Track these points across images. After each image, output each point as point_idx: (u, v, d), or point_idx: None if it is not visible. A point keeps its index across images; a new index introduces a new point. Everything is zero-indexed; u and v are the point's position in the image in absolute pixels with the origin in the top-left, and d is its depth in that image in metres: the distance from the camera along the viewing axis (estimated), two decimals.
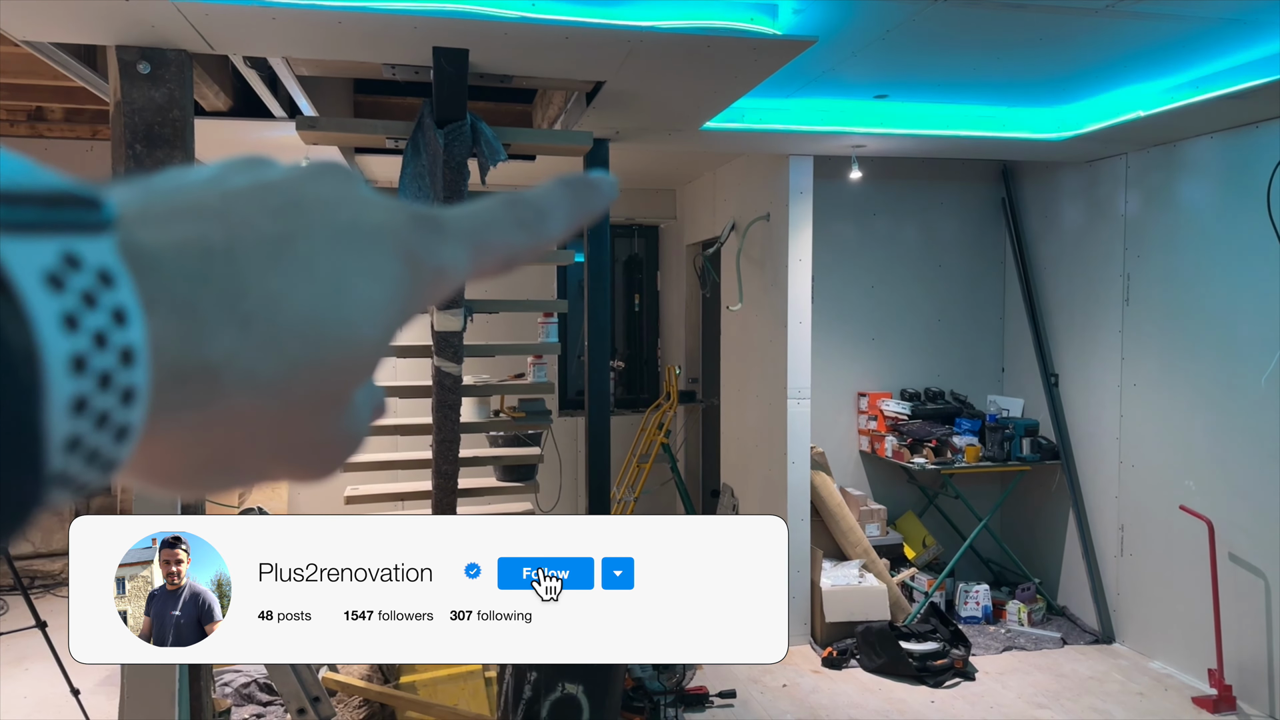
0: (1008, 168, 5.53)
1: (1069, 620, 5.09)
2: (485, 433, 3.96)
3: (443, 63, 2.78)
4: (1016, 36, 3.10)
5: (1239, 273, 4.06)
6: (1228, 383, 4.12)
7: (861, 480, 5.53)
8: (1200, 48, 3.29)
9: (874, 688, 4.27)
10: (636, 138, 4.15)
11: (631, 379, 7.02)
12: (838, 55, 3.21)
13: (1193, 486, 4.30)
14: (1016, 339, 5.52)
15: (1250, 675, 4.01)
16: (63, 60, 2.92)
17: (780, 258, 4.82)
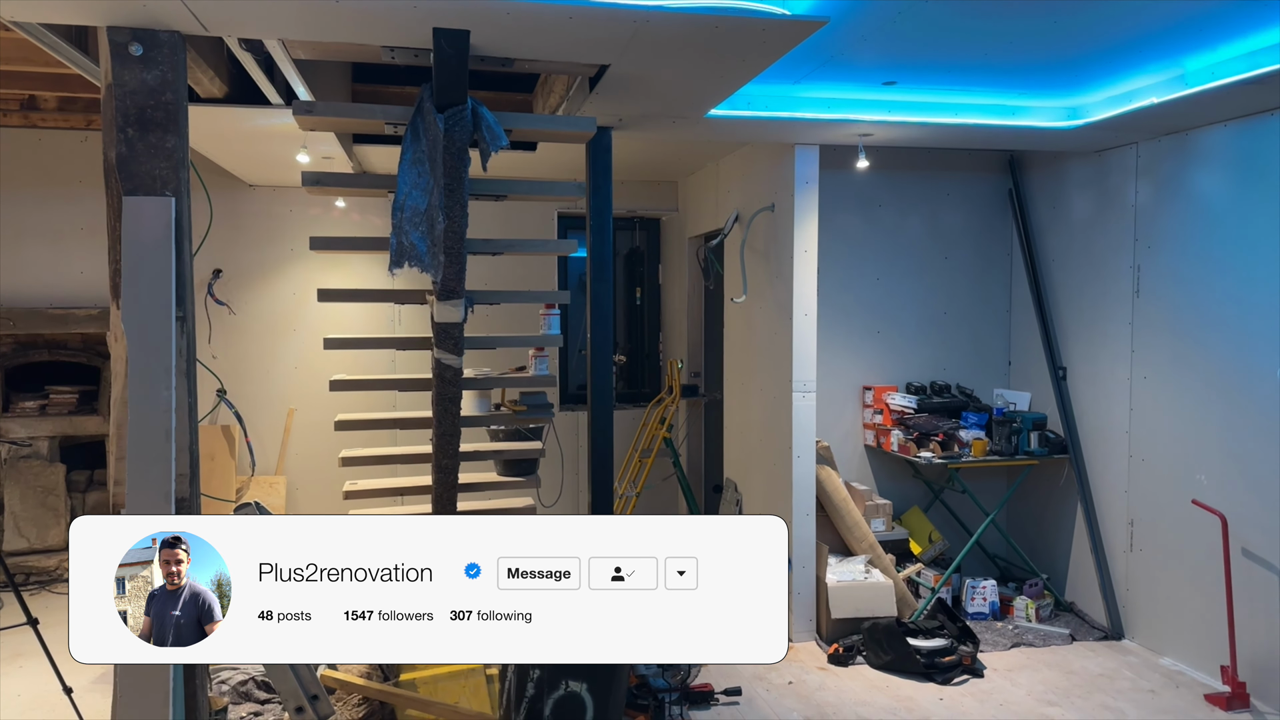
0: (1015, 158, 5.46)
1: (1077, 616, 5.03)
2: (486, 427, 3.89)
3: (443, 44, 2.70)
4: (1027, 20, 3.03)
5: (1252, 264, 3.99)
6: (1241, 375, 4.05)
7: (867, 475, 5.47)
8: (1214, 32, 3.22)
9: (881, 685, 4.21)
10: (640, 126, 4.08)
11: (634, 373, 6.96)
12: (847, 39, 3.14)
13: (1205, 481, 4.23)
14: (1024, 332, 5.46)
15: (1264, 672, 3.95)
16: (52, 42, 2.85)
17: (785, 249, 4.75)
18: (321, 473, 5.97)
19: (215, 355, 5.89)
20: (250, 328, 6.00)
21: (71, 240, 5.69)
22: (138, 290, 2.55)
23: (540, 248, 5.75)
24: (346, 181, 3.82)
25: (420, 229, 2.85)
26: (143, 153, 2.62)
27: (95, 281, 5.71)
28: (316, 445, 5.99)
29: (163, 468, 2.51)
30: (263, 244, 5.99)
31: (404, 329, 6.14)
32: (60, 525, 5.64)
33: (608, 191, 4.13)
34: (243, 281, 5.97)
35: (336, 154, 4.79)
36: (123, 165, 2.61)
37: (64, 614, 4.84)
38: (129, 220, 2.58)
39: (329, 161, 5.01)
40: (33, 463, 5.60)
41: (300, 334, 6.04)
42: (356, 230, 6.08)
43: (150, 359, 2.53)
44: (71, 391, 5.75)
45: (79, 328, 5.60)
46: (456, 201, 2.88)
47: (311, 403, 5.98)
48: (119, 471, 2.61)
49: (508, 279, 6.14)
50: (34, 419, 5.65)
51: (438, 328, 3.02)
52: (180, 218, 2.64)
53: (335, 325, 6.01)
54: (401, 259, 2.85)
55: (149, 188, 2.62)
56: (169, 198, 2.61)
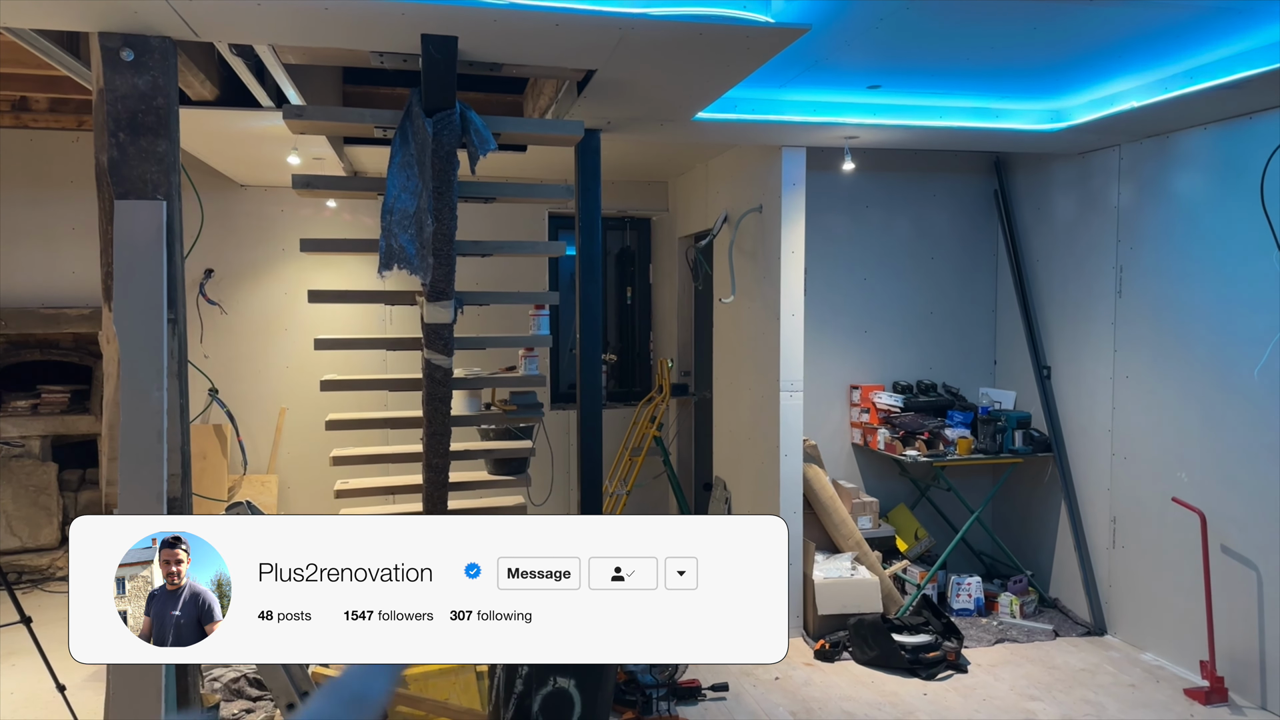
0: (1000, 160, 5.51)
1: (1061, 612, 5.09)
2: (476, 426, 3.93)
3: (431, 50, 2.74)
4: (1010, 25, 3.08)
5: (1232, 265, 4.06)
6: (1221, 375, 4.12)
7: (854, 473, 5.53)
8: (1194, 37, 3.27)
9: (866, 680, 4.26)
10: (628, 128, 4.12)
11: (624, 372, 7.00)
12: (831, 44, 3.19)
13: (1185, 479, 4.30)
14: (1009, 331, 5.52)
15: (1242, 667, 4.01)
16: (45, 48, 2.88)
17: (773, 250, 4.80)
18: (313, 472, 6.00)
19: (207, 355, 5.91)
20: (242, 327, 6.02)
21: (63, 240, 5.71)
22: (130, 293, 2.58)
23: (530, 249, 5.79)
24: (336, 184, 3.86)
25: (409, 231, 2.89)
26: (134, 157, 2.66)
27: (87, 281, 5.72)
28: (308, 444, 6.02)
29: (155, 468, 2.54)
30: (254, 244, 6.02)
31: (395, 329, 6.17)
32: (52, 524, 5.66)
33: (596, 193, 4.17)
34: (234, 281, 6.00)
35: (327, 155, 4.82)
36: (114, 169, 2.64)
37: (56, 612, 4.87)
38: (121, 224, 2.61)
39: (320, 162, 5.04)
40: (25, 462, 5.63)
41: (291, 333, 6.07)
42: (347, 230, 6.11)
43: (142, 361, 2.57)
44: (63, 391, 5.77)
45: (70, 327, 5.62)
46: (445, 204, 2.92)
47: (303, 402, 6.01)
48: (111, 471, 2.65)
49: (498, 279, 6.18)
50: (26, 418, 5.67)
51: (428, 328, 3.06)
52: (172, 221, 2.67)
53: (326, 325, 6.04)
54: (391, 261, 2.88)
55: (140, 191, 2.66)
56: (160, 201, 2.65)
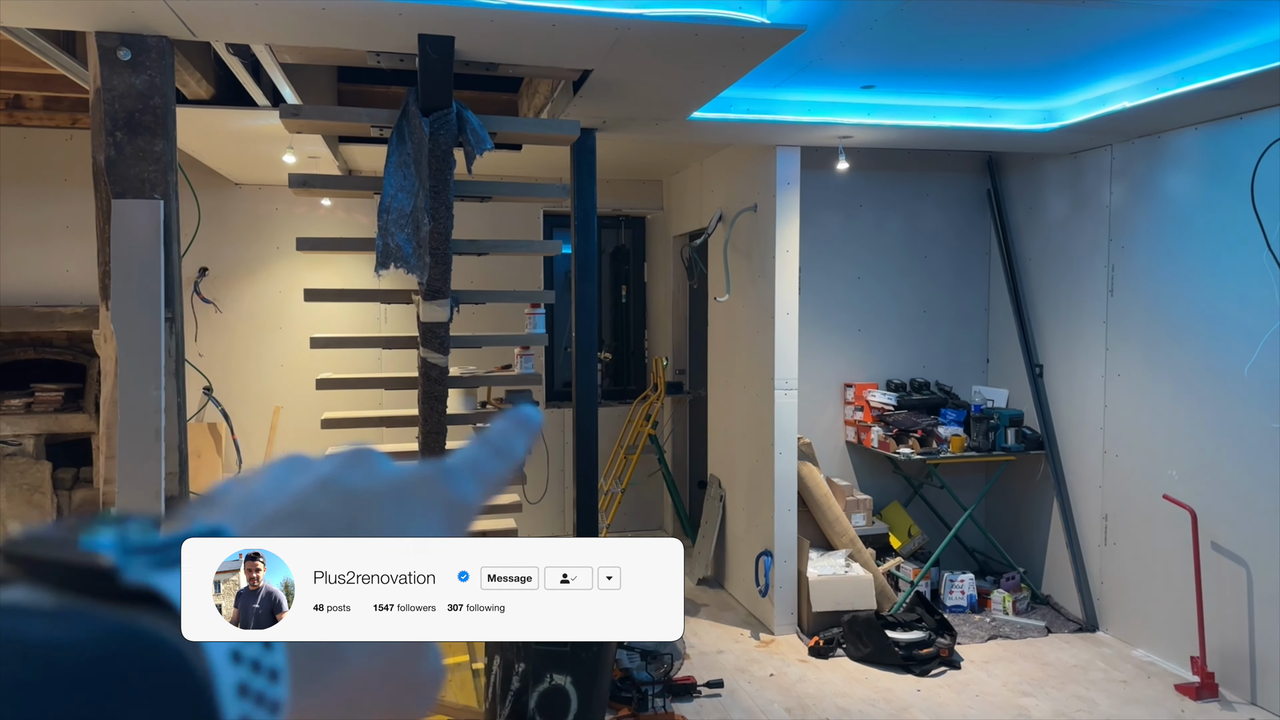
0: (993, 159, 5.54)
1: (1053, 609, 5.13)
2: (472, 424, 3.94)
3: (428, 50, 2.75)
4: (1003, 27, 3.10)
5: (1223, 263, 4.09)
6: (1211, 373, 4.15)
7: (848, 470, 5.55)
8: (1185, 38, 3.30)
9: (860, 677, 4.29)
10: (623, 128, 4.13)
11: (619, 370, 7.01)
12: (826, 45, 3.20)
13: (1176, 476, 4.33)
14: (1001, 330, 5.54)
15: (1232, 662, 4.05)
16: (41, 47, 2.88)
17: (767, 249, 4.82)
18: None
19: (202, 353, 5.91)
20: (237, 326, 6.02)
21: (57, 238, 5.70)
22: (127, 292, 2.59)
23: (526, 248, 5.79)
24: (332, 184, 3.87)
25: (406, 231, 2.90)
26: (131, 156, 2.66)
27: (81, 279, 5.72)
28: (303, 444, 6.02)
29: (152, 466, 2.55)
30: (249, 242, 6.01)
31: (390, 328, 6.17)
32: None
33: (592, 192, 4.18)
34: (229, 279, 6.00)
35: (323, 154, 4.82)
36: (111, 168, 2.65)
37: None
38: (118, 223, 2.62)
39: (315, 161, 5.04)
40: (18, 460, 5.62)
41: (287, 332, 6.07)
42: (343, 228, 6.11)
43: (139, 360, 2.58)
44: (57, 389, 5.76)
45: (65, 325, 5.61)
46: (442, 203, 2.93)
47: (298, 401, 6.01)
48: (109, 469, 2.65)
49: (494, 278, 6.18)
50: (20, 417, 5.66)
51: (424, 327, 3.07)
52: (169, 220, 2.68)
53: (322, 323, 6.04)
54: (387, 261, 2.89)
55: (138, 190, 2.66)
56: (158, 200, 2.66)
